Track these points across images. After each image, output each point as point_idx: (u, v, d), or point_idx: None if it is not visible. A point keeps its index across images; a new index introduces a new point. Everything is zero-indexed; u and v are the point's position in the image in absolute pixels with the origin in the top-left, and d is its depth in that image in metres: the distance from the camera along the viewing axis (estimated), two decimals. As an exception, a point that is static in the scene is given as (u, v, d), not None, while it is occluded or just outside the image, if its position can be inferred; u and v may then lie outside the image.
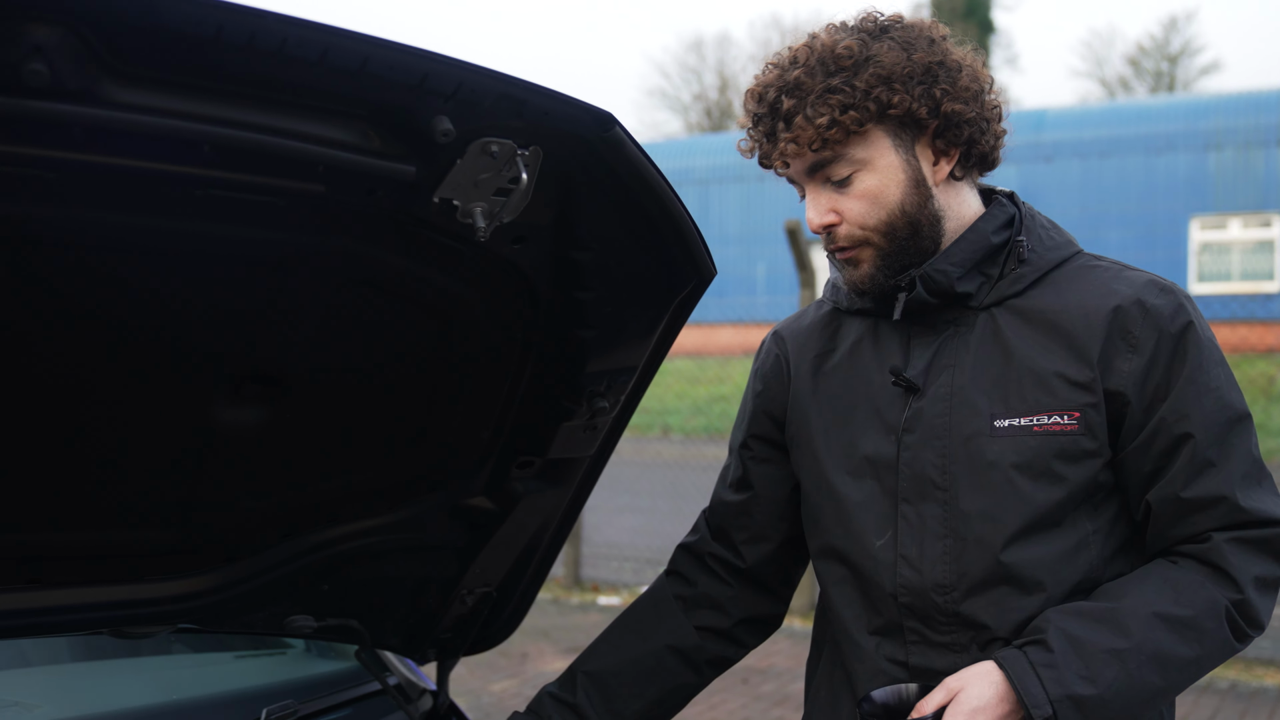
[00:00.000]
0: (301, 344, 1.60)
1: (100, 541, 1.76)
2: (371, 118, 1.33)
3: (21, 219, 1.27)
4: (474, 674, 6.85)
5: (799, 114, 1.62)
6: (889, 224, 1.66)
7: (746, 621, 1.95)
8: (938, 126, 1.67)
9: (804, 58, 1.65)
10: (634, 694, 1.89)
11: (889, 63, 1.63)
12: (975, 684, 1.56)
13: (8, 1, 1.07)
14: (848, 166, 1.64)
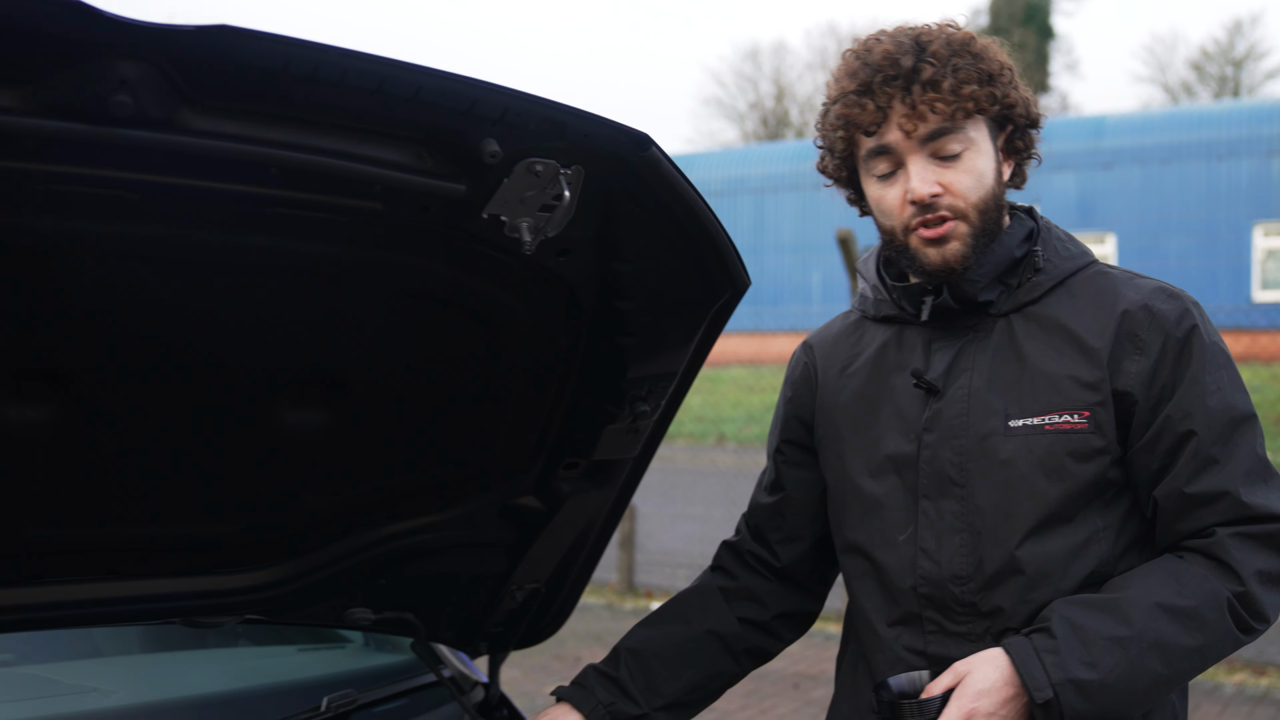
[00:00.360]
0: (360, 351, 1.72)
1: (174, 536, 1.89)
2: (425, 140, 1.44)
3: (108, 237, 1.40)
4: (529, 677, 6.96)
5: (945, 80, 1.68)
6: (985, 203, 1.74)
7: (783, 616, 2.03)
8: (1013, 131, 1.78)
9: (930, 36, 1.73)
10: (674, 674, 1.97)
11: (1000, 60, 1.74)
12: (981, 668, 1.63)
13: (99, 41, 1.19)
14: (961, 142, 1.72)
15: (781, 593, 2.03)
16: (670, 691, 1.97)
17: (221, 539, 1.92)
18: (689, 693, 1.99)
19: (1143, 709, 1.70)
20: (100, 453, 1.69)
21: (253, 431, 1.76)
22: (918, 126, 1.70)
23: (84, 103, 1.23)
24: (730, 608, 2.02)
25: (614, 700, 1.96)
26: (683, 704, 1.99)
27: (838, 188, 1.88)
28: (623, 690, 1.96)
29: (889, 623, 1.80)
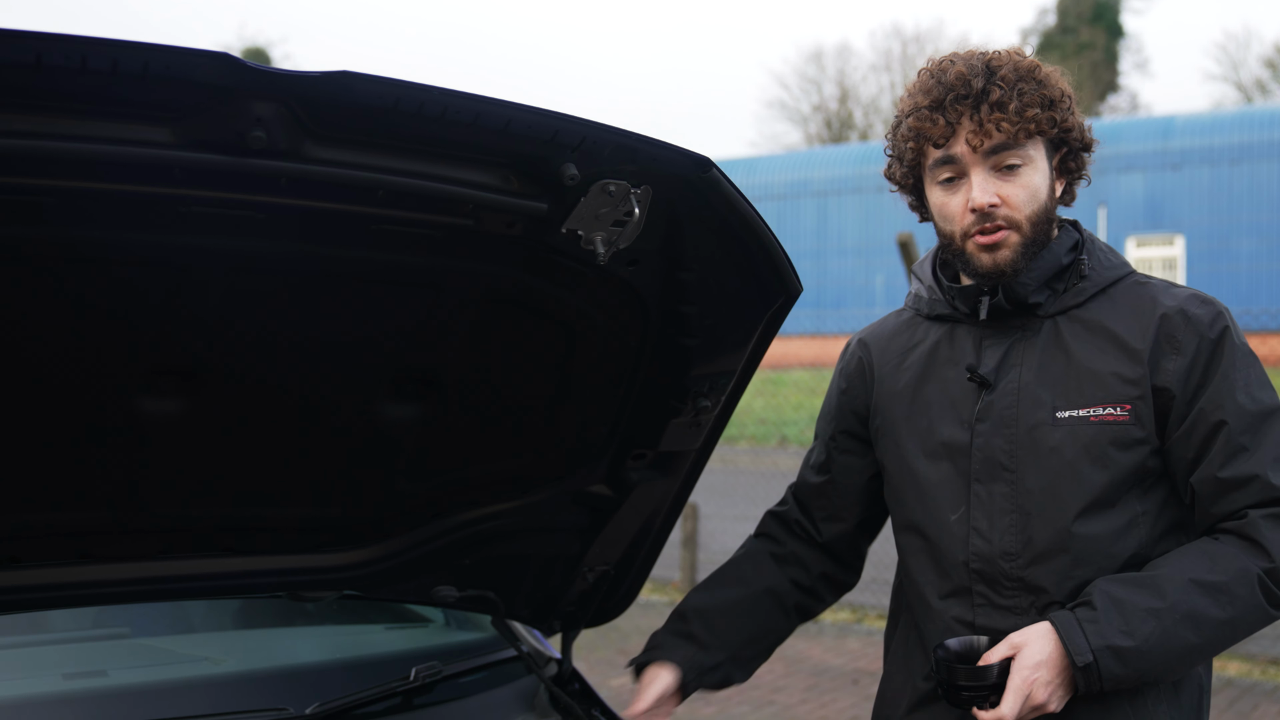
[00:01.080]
0: (452, 351, 1.92)
1: (283, 518, 2.10)
2: (512, 165, 1.64)
3: (242, 252, 1.61)
4: (594, 670, 7.16)
5: (1012, 102, 1.86)
6: (1037, 216, 1.91)
7: (825, 578, 2.23)
8: (1066, 153, 1.95)
9: (999, 62, 1.91)
10: (736, 628, 2.17)
11: (1061, 88, 1.92)
12: (1036, 642, 1.79)
13: (240, 86, 1.40)
14: (1020, 159, 1.89)
15: (823, 559, 2.22)
16: (734, 643, 2.17)
17: (324, 520, 2.14)
18: (748, 645, 2.18)
19: (1175, 675, 1.86)
20: (222, 442, 1.91)
21: (354, 424, 1.97)
22: (983, 142, 1.88)
23: (224, 137, 1.45)
24: (781, 570, 2.21)
25: (694, 653, 2.15)
26: (743, 657, 2.18)
27: (901, 194, 2.05)
28: (699, 643, 2.16)
29: (940, 595, 1.96)
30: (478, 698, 2.42)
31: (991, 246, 1.90)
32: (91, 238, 1.55)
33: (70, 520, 1.93)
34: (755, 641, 2.20)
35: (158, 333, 1.70)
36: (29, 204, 1.46)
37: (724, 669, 2.16)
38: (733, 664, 2.17)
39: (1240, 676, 6.97)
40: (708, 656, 2.15)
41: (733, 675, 2.19)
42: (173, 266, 1.63)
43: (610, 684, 6.87)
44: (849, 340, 2.21)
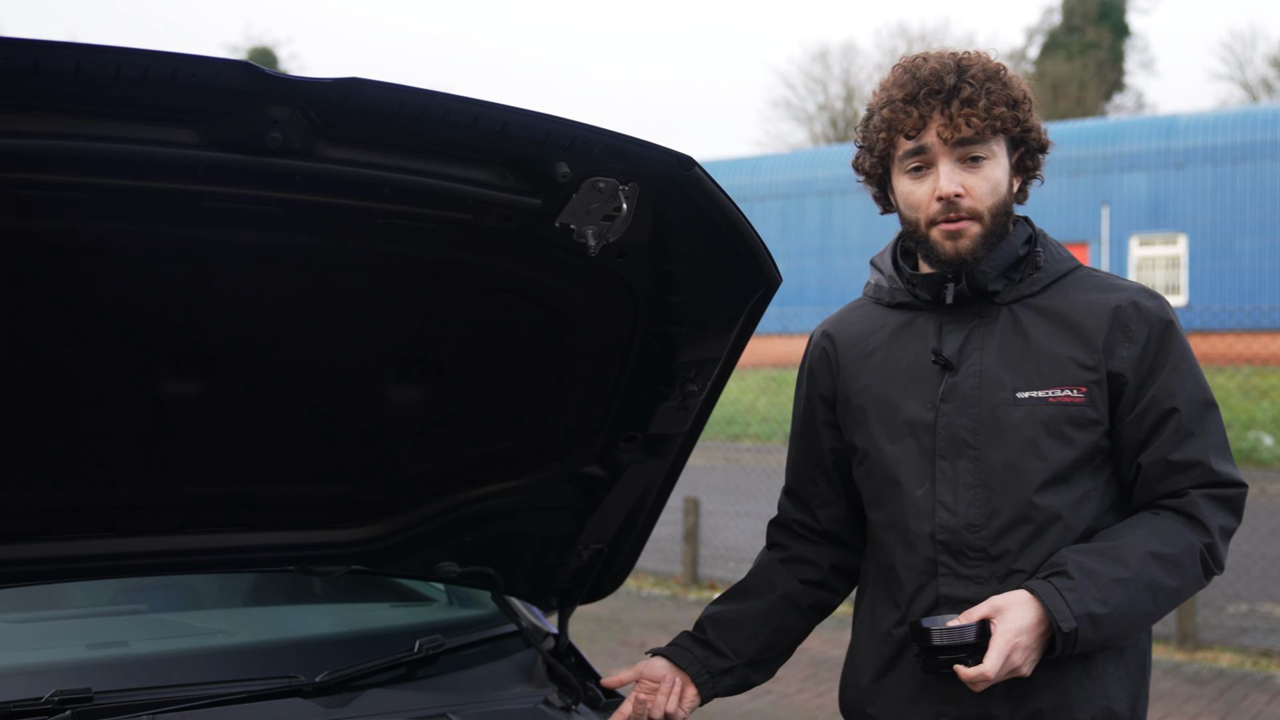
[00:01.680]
0: (453, 337, 2.05)
1: (294, 495, 2.24)
2: (508, 164, 1.77)
3: (259, 244, 1.75)
4: (596, 660, 7.26)
5: (980, 99, 1.99)
6: (996, 209, 2.04)
7: (835, 569, 2.32)
8: (1024, 153, 2.09)
9: (970, 61, 2.04)
10: (751, 636, 2.28)
11: (1024, 90, 2.05)
12: (1018, 608, 1.91)
13: (259, 91, 1.53)
14: (985, 153, 2.02)
15: (829, 550, 2.32)
16: (750, 651, 2.28)
17: (333, 498, 2.27)
18: (765, 650, 2.29)
19: (1131, 639, 2.02)
20: (239, 423, 2.04)
21: (361, 406, 2.10)
22: (952, 135, 2.00)
23: (244, 138, 1.58)
24: (790, 573, 2.32)
25: (708, 655, 2.27)
26: (761, 660, 2.30)
27: (867, 185, 2.17)
28: (712, 648, 2.28)
29: (906, 566, 2.08)
30: (478, 669, 2.55)
31: (954, 234, 2.02)
32: (122, 231, 1.68)
33: (97, 496, 2.06)
34: (772, 645, 2.31)
35: (181, 320, 1.84)
36: (68, 199, 1.59)
37: (739, 672, 2.28)
38: (749, 668, 2.29)
39: (1232, 668, 7.09)
40: (720, 661, 2.27)
41: (750, 678, 2.30)
42: (196, 258, 1.77)
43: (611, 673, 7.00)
44: (812, 333, 2.33)
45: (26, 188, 1.55)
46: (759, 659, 2.30)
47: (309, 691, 2.29)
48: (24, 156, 1.50)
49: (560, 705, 2.48)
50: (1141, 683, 2.07)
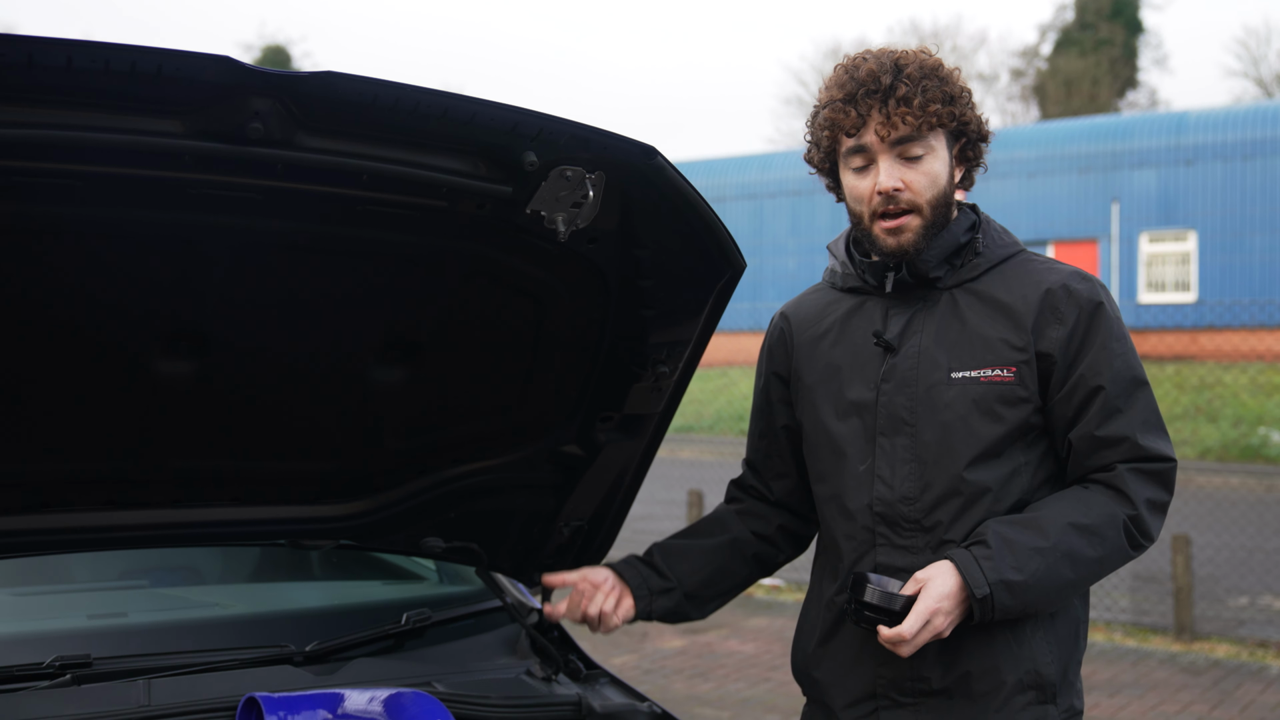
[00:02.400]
0: (432, 319, 2.15)
1: (284, 471, 2.34)
2: (479, 153, 1.87)
3: (244, 229, 1.85)
4: (596, 649, 7.36)
5: (915, 97, 2.08)
6: (936, 202, 2.13)
7: (782, 531, 2.43)
8: (965, 144, 2.17)
9: (907, 60, 2.12)
10: (694, 569, 2.38)
11: (960, 85, 2.15)
12: (940, 577, 2.01)
13: (240, 84, 1.63)
14: (923, 148, 2.11)
15: (779, 514, 2.43)
16: (691, 583, 2.37)
17: (321, 474, 2.38)
18: (704, 586, 2.38)
19: (1054, 606, 2.10)
20: (229, 401, 2.15)
21: (346, 385, 2.21)
22: (890, 133, 2.09)
23: (227, 128, 1.68)
24: (742, 522, 2.43)
25: (650, 575, 2.36)
26: (699, 596, 2.38)
27: (819, 176, 2.27)
28: (655, 570, 2.37)
29: (847, 536, 2.19)
30: (464, 641, 2.65)
31: (895, 230, 2.13)
32: (114, 216, 1.79)
33: (96, 470, 2.17)
34: (712, 584, 2.40)
35: (173, 301, 1.95)
36: (62, 187, 1.70)
37: (675, 597, 2.37)
38: (686, 599, 2.38)
39: (1228, 658, 7.16)
40: (662, 582, 2.36)
41: (685, 609, 2.39)
42: (185, 242, 1.87)
43: (613, 661, 7.11)
44: (774, 315, 2.43)
45: (22, 175, 1.66)
46: (697, 593, 2.39)
47: (299, 660, 2.39)
48: (19, 145, 1.61)
49: (541, 676, 2.58)
50: (1073, 649, 2.17)
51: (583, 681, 2.61)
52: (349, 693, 2.19)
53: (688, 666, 7.03)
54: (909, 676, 2.11)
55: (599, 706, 2.47)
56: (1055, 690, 2.10)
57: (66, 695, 2.12)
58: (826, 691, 2.22)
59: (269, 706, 2.09)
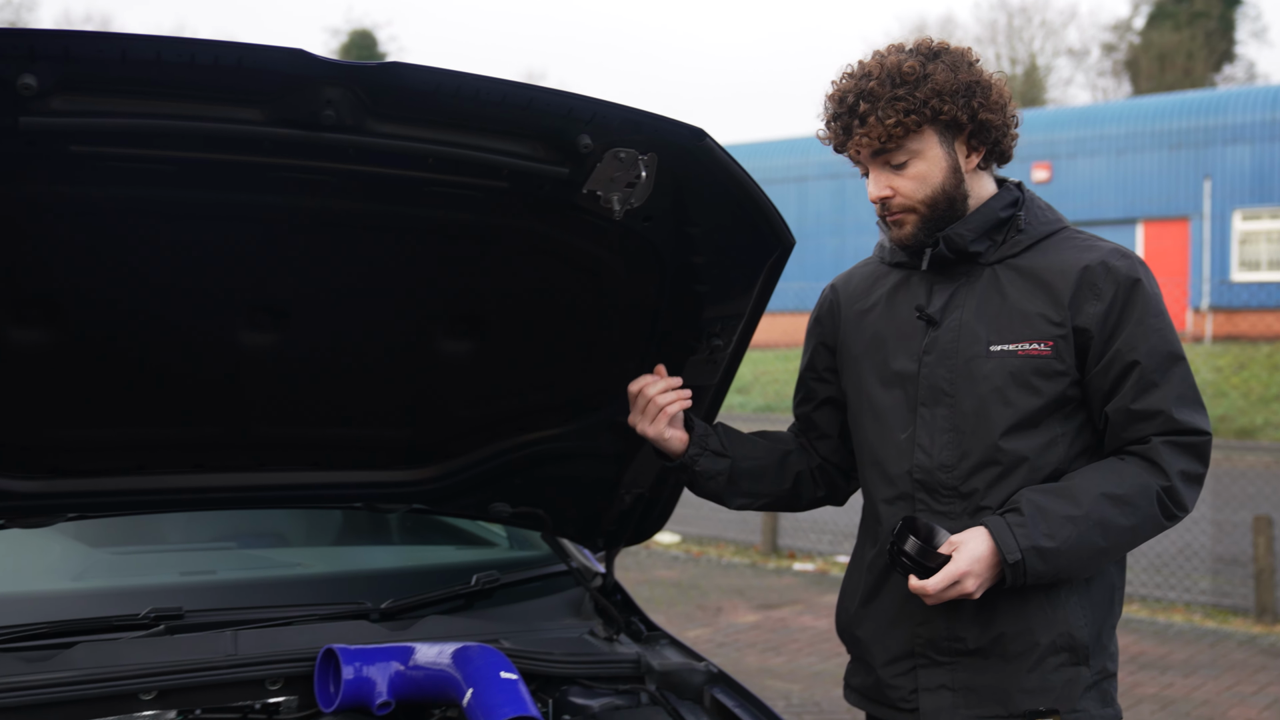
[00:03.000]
0: (497, 295, 2.28)
1: (360, 438, 2.49)
2: (537, 137, 1.99)
3: (320, 209, 1.99)
4: (672, 623, 7.52)
5: (871, 115, 2.15)
6: (931, 199, 2.20)
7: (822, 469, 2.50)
8: (972, 129, 2.21)
9: (876, 71, 2.18)
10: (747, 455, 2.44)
11: (941, 80, 2.17)
12: (972, 541, 2.09)
13: (314, 75, 1.77)
14: (904, 155, 2.18)
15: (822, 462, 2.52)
16: (740, 467, 2.42)
17: (394, 441, 2.52)
18: (747, 476, 2.43)
19: (1087, 573, 2.17)
20: (308, 371, 2.29)
21: (416, 356, 2.34)
22: (864, 151, 2.20)
23: (302, 115, 1.82)
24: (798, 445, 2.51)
25: (708, 435, 2.42)
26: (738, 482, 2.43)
27: None
28: (717, 436, 2.43)
29: (887, 501, 2.27)
30: (530, 603, 2.79)
31: (895, 224, 2.24)
32: (201, 198, 1.93)
33: (186, 435, 2.33)
34: (753, 477, 2.46)
35: (255, 277, 2.09)
36: (154, 171, 1.85)
37: (722, 464, 2.41)
38: (729, 477, 2.42)
39: None
40: (718, 444, 2.42)
41: (719, 486, 2.43)
42: (265, 222, 2.01)
43: (687, 634, 7.23)
44: (824, 287, 2.52)
45: (118, 161, 1.81)
46: (738, 478, 2.43)
47: (375, 617, 2.55)
48: (116, 134, 1.76)
49: (604, 636, 2.70)
50: (1108, 614, 2.23)
51: (643, 642, 2.73)
52: (419, 646, 2.33)
53: (760, 640, 7.13)
54: (945, 636, 2.19)
55: (658, 665, 2.58)
56: (1088, 652, 2.17)
57: (160, 643, 2.30)
58: (868, 650, 2.31)
59: (345, 657, 2.24)
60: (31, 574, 2.64)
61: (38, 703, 2.12)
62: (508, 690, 2.18)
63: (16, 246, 1.91)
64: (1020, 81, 44.35)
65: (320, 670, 2.29)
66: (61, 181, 1.83)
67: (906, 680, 2.24)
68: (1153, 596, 8.09)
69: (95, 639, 2.28)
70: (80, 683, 2.15)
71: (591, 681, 2.53)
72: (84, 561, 2.71)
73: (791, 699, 5.95)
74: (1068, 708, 2.15)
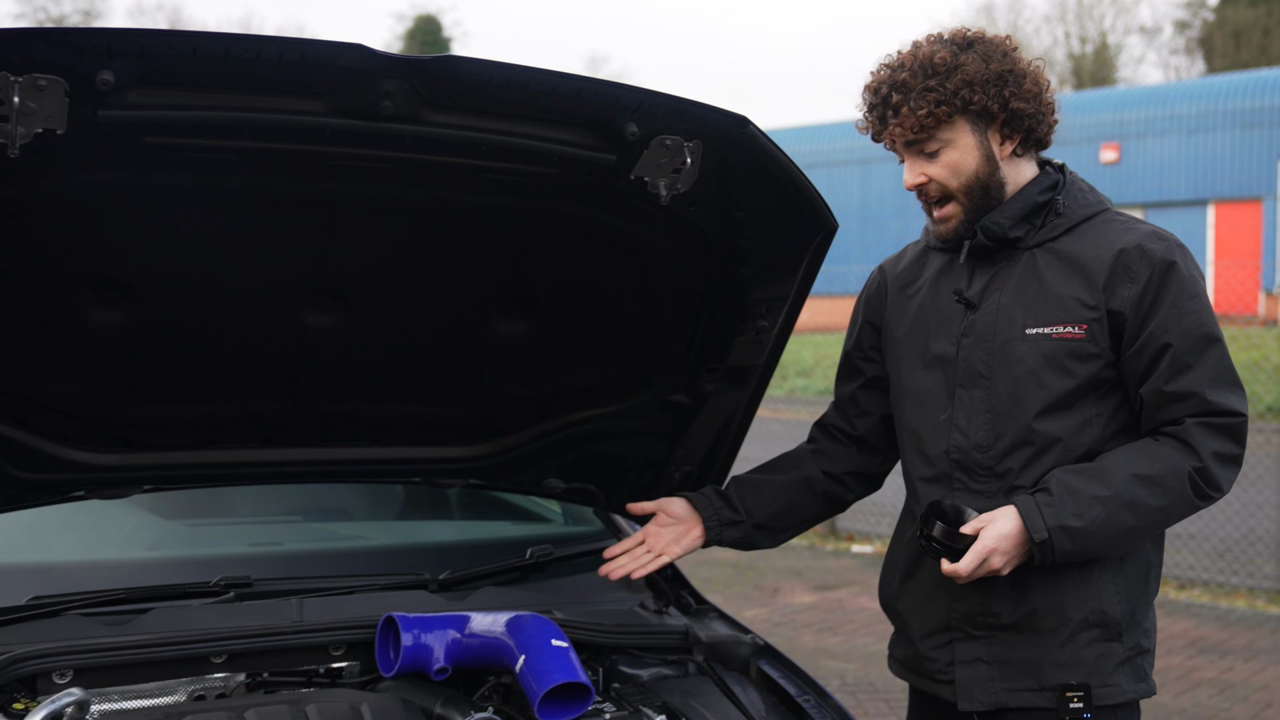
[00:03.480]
0: (549, 278, 2.36)
1: (417, 414, 2.58)
2: (586, 125, 2.06)
3: (378, 195, 2.08)
4: (729, 602, 7.60)
5: (904, 106, 2.21)
6: (967, 186, 2.25)
7: (853, 473, 2.58)
8: (1005, 118, 2.25)
9: (909, 63, 2.24)
10: (766, 503, 2.55)
11: (972, 71, 2.21)
12: (1001, 520, 2.15)
13: (372, 68, 1.85)
14: (937, 144, 2.24)
15: (855, 456, 2.58)
16: (761, 515, 2.55)
17: (451, 418, 2.61)
18: (775, 518, 2.56)
19: (1117, 552, 2.21)
20: (369, 351, 2.39)
21: (472, 337, 2.43)
22: (897, 140, 2.25)
23: (361, 106, 1.91)
24: (815, 462, 2.59)
25: (723, 507, 2.54)
26: (769, 527, 2.56)
27: None
28: (730, 504, 2.55)
29: (925, 480, 2.33)
30: (582, 576, 2.87)
31: (941, 220, 2.29)
32: (266, 185, 2.03)
33: (253, 411, 2.44)
34: (783, 516, 2.57)
35: (316, 260, 2.19)
36: (223, 160, 1.95)
37: (744, 529, 2.54)
38: (756, 529, 2.55)
39: None
40: (733, 514, 2.54)
41: (755, 539, 2.56)
42: (326, 207, 2.11)
43: (744, 614, 7.30)
44: (873, 269, 2.58)
45: (190, 150, 1.92)
46: (767, 524, 2.56)
47: (433, 587, 2.65)
48: (187, 125, 1.86)
49: (653, 609, 2.78)
50: (1143, 591, 2.27)
51: (692, 615, 2.80)
52: (475, 615, 2.42)
53: (817, 620, 7.18)
54: (980, 611, 2.25)
55: (704, 636, 2.66)
56: (1121, 629, 2.22)
57: (230, 610, 2.41)
58: (907, 623, 2.38)
59: (405, 625, 2.34)
60: (110, 544, 2.77)
61: (117, 664, 2.24)
62: (558, 658, 2.27)
63: (94, 232, 2.02)
64: (1090, 60, 43.66)
65: (381, 637, 2.39)
66: (137, 170, 1.93)
67: (943, 653, 2.30)
68: (1215, 581, 8.02)
69: (169, 605, 2.40)
70: (156, 645, 2.27)
71: (640, 652, 2.61)
72: (159, 532, 2.84)
73: (846, 678, 6.01)
74: (1100, 682, 2.20)
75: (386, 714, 2.11)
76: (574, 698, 2.23)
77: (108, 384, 2.28)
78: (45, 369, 2.20)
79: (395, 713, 2.13)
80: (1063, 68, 44.05)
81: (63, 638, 2.24)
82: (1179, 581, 8.01)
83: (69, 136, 1.80)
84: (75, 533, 2.74)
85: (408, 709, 2.17)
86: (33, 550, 2.68)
